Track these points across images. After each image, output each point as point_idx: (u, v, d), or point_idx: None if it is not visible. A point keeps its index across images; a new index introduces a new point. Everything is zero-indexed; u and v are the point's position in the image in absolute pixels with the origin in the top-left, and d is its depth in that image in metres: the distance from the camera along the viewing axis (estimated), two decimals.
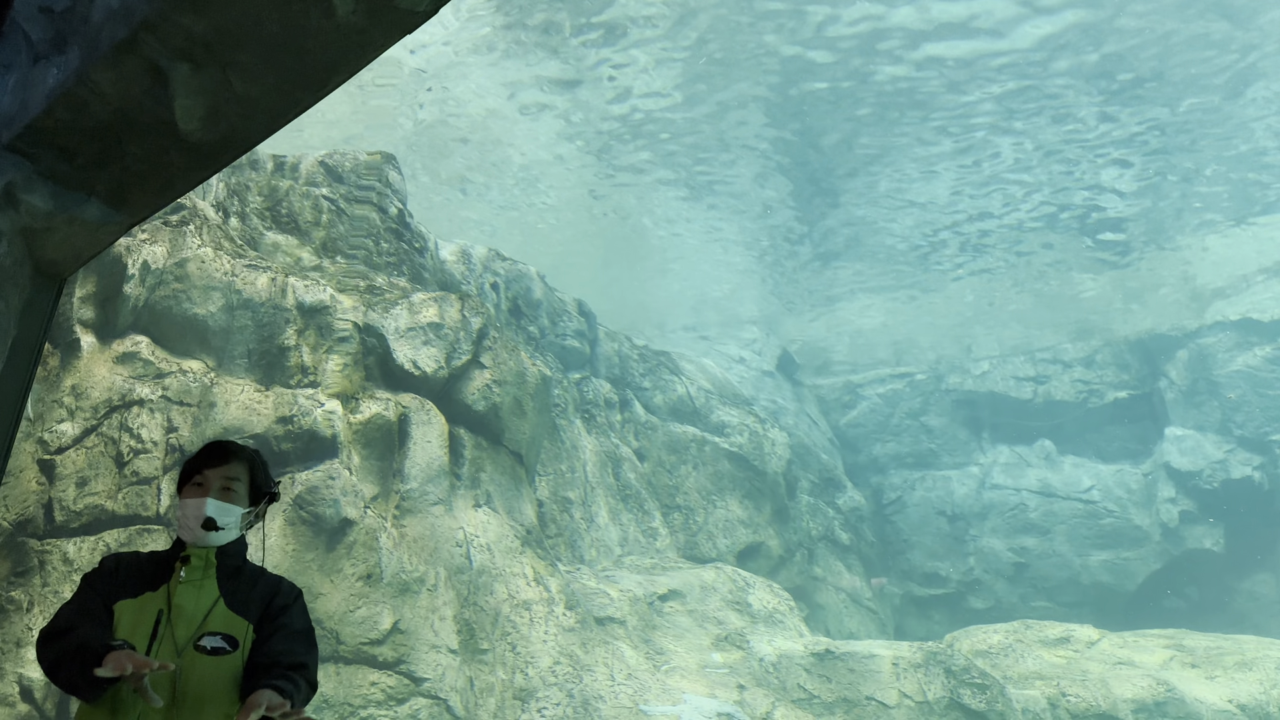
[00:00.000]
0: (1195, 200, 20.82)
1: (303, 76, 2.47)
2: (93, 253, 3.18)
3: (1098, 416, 21.93)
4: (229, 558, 2.67)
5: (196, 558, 2.62)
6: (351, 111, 19.87)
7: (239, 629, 2.54)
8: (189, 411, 9.64)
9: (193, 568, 2.60)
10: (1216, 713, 12.13)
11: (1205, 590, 19.66)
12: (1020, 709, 11.90)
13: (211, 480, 2.68)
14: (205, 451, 2.76)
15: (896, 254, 23.69)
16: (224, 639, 2.51)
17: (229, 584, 2.62)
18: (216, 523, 2.63)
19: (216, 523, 2.63)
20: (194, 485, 2.68)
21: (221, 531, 2.64)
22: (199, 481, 2.68)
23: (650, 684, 11.08)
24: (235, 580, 2.64)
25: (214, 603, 2.56)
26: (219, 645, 2.49)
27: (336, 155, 13.57)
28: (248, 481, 2.75)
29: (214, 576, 2.61)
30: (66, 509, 8.85)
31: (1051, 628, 14.51)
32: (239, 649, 2.52)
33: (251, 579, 2.68)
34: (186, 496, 2.68)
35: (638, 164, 21.36)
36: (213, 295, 10.37)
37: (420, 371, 11.42)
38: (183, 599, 2.54)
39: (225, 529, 2.65)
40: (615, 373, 18.17)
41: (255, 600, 2.61)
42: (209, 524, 2.63)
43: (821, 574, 18.62)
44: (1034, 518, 20.77)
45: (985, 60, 17.27)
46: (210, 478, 2.68)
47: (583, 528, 14.65)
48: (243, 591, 2.62)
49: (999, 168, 20.29)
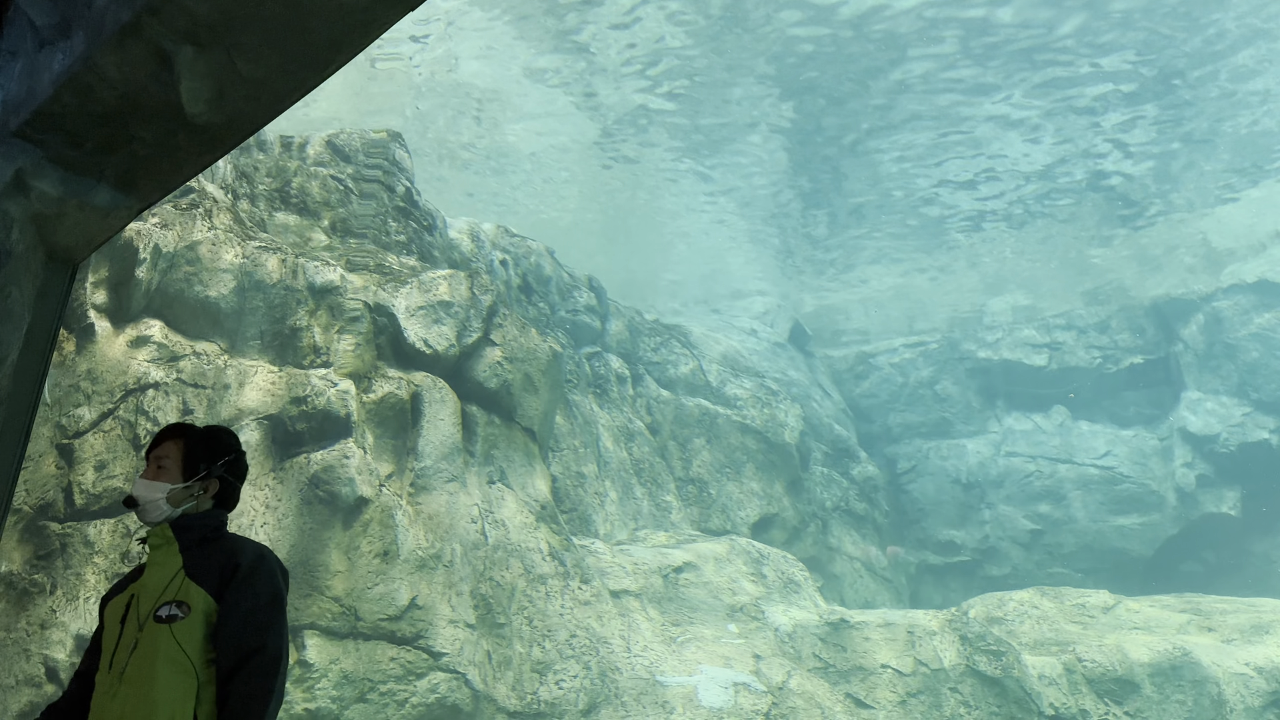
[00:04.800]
0: (1210, 162, 20.58)
1: (306, 56, 2.47)
2: (104, 238, 3.19)
3: (1113, 382, 21.82)
4: (188, 531, 2.77)
5: (154, 535, 2.76)
6: (354, 93, 19.80)
7: (194, 595, 2.61)
8: (204, 394, 9.70)
9: (152, 546, 2.74)
10: (1232, 676, 12.15)
11: (1222, 554, 19.62)
12: (1036, 675, 11.95)
13: (149, 462, 2.84)
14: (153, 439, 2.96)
15: (908, 223, 23.54)
16: (177, 605, 2.59)
17: (192, 555, 2.71)
18: (136, 500, 2.76)
19: (136, 500, 2.76)
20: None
21: (145, 508, 2.75)
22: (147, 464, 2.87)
23: (666, 655, 11.17)
24: (201, 550, 2.73)
25: (174, 574, 2.67)
26: (173, 613, 2.58)
27: (343, 135, 13.55)
28: (179, 457, 2.84)
29: (177, 550, 2.72)
30: (86, 492, 8.94)
31: (1067, 594, 14.53)
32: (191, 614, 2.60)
33: (218, 548, 2.75)
34: None
35: (647, 136, 21.24)
36: (224, 277, 10.41)
37: (431, 350, 11.45)
38: (149, 577, 2.70)
39: (150, 505, 2.75)
40: (627, 347, 18.18)
41: (214, 568, 2.68)
42: (129, 502, 2.78)
43: (836, 544, 18.67)
44: (1049, 484, 20.74)
45: (993, 21, 17.05)
46: (149, 460, 2.84)
47: (597, 502, 14.72)
48: (207, 560, 2.69)
49: (1010, 132, 20.09)
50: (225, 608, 2.61)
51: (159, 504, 2.76)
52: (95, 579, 8.61)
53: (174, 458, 2.85)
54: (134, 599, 2.68)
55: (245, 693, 2.51)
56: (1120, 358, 21.92)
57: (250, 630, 2.58)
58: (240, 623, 2.59)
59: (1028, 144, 20.40)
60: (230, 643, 2.56)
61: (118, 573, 8.64)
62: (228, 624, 2.59)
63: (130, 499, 2.77)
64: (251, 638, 2.57)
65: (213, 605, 2.62)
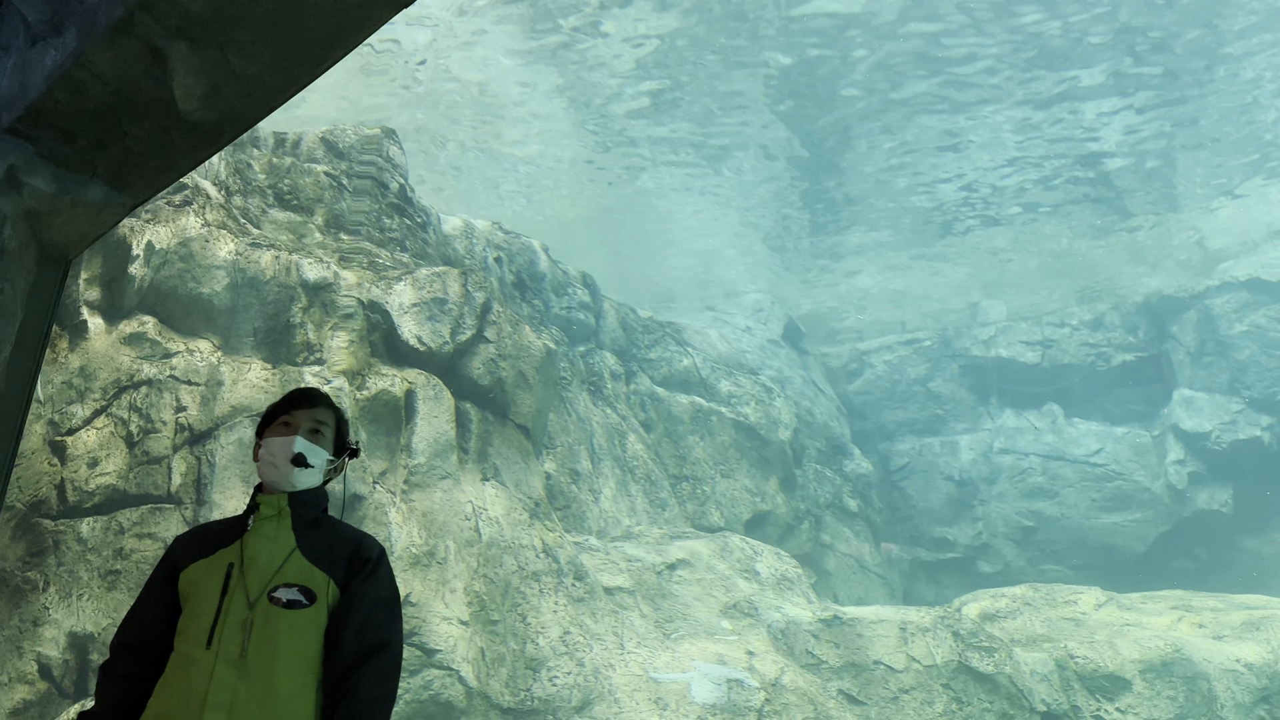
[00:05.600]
0: (1204, 160, 20.64)
1: (300, 53, 2.47)
2: (97, 234, 3.19)
3: (1105, 379, 21.89)
4: (305, 507, 2.54)
5: (267, 506, 2.50)
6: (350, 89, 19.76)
7: (318, 582, 2.40)
8: (197, 391, 9.69)
9: (263, 516, 2.48)
10: (1224, 672, 12.21)
11: (1214, 551, 19.71)
12: (1028, 671, 12.00)
13: (300, 420, 2.58)
14: (293, 395, 2.66)
15: (902, 220, 23.57)
16: (300, 591, 2.38)
17: (306, 535, 2.49)
18: (307, 459, 2.52)
19: (307, 459, 2.52)
20: (281, 425, 2.58)
21: (310, 471, 2.53)
22: (286, 422, 2.58)
23: (660, 652, 11.19)
24: (312, 532, 2.51)
25: (289, 553, 2.43)
26: (295, 598, 2.36)
27: (337, 131, 13.53)
28: (334, 428, 2.65)
29: (289, 526, 2.48)
30: (79, 489, 8.92)
31: (1059, 590, 14.58)
32: (316, 603, 2.38)
33: (331, 532, 2.54)
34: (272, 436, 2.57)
35: (639, 134, 21.23)
36: (217, 274, 10.39)
37: (425, 347, 11.44)
38: (255, 550, 2.42)
39: (314, 468, 2.54)
40: (621, 344, 18.18)
41: (337, 555, 2.47)
42: (299, 460, 2.51)
43: (829, 541, 18.71)
44: (1042, 481, 20.80)
45: (983, 16, 17.08)
46: (299, 418, 2.58)
47: (590, 499, 14.73)
48: (321, 543, 2.48)
49: (1005, 129, 20.13)
50: (350, 600, 2.42)
51: (315, 473, 2.55)
52: (88, 576, 8.60)
53: (331, 427, 2.64)
54: (233, 569, 2.39)
55: (370, 694, 2.32)
56: (1113, 355, 21.99)
57: (376, 627, 2.41)
58: (365, 618, 2.40)
59: (1021, 141, 20.43)
60: (353, 638, 2.37)
61: (111, 570, 8.62)
62: (352, 618, 2.39)
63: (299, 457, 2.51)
64: (376, 634, 2.40)
65: (336, 596, 2.42)
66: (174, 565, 2.47)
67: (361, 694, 2.31)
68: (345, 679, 2.32)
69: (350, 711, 2.29)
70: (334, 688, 2.33)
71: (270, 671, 2.28)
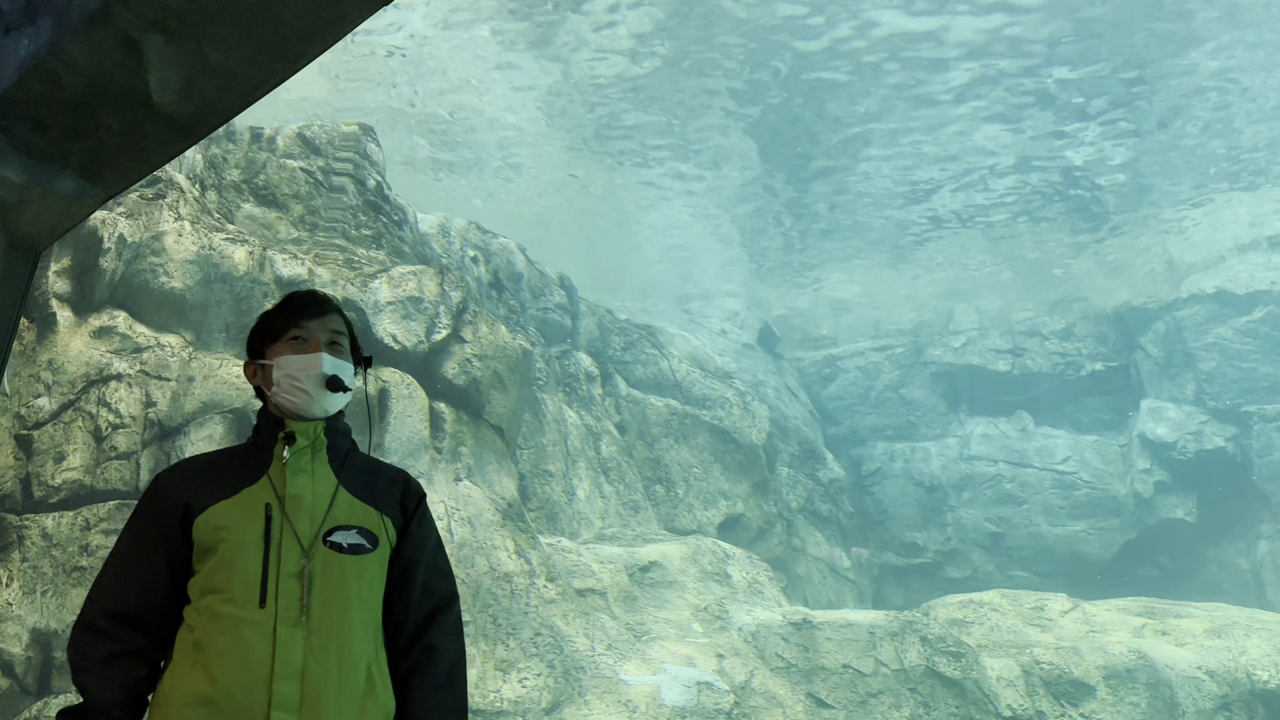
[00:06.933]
0: (1174, 173, 20.95)
1: (278, 48, 2.46)
2: (68, 226, 3.16)
3: (1075, 388, 22.15)
4: (340, 436, 2.16)
5: (303, 435, 2.09)
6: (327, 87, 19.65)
7: (374, 522, 2.05)
8: (167, 386, 9.59)
9: (299, 448, 2.07)
10: (1186, 679, 12.38)
11: (1178, 559, 19.98)
12: (994, 676, 12.11)
13: (316, 333, 2.14)
14: (298, 302, 2.20)
15: (875, 228, 23.75)
16: (360, 533, 2.02)
17: (344, 469, 2.12)
18: (343, 381, 2.13)
19: (343, 381, 2.13)
20: (293, 341, 2.14)
21: (343, 395, 2.14)
22: (299, 336, 2.14)
23: (630, 654, 11.19)
24: (349, 465, 2.15)
25: (334, 491, 2.06)
26: (357, 542, 2.00)
27: (314, 127, 13.44)
28: (350, 337, 2.23)
29: (325, 460, 2.10)
30: (45, 484, 8.81)
31: (1026, 597, 14.73)
32: (380, 546, 2.04)
33: (367, 465, 2.20)
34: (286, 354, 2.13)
35: (615, 135, 21.26)
36: (190, 269, 10.29)
37: (400, 346, 11.39)
38: (298, 487, 2.02)
39: (349, 391, 2.15)
40: (597, 346, 18.19)
41: (384, 492, 2.13)
42: (334, 383, 2.11)
43: (800, 545, 18.80)
44: (1011, 488, 21.01)
45: (957, 29, 17.26)
46: (312, 329, 2.15)
47: (564, 501, 14.71)
48: (363, 478, 2.14)
49: (978, 139, 20.33)
50: (411, 545, 2.09)
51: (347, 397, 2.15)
52: (53, 572, 8.49)
53: (347, 336, 2.22)
54: (272, 511, 1.99)
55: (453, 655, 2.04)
56: (1082, 365, 22.25)
57: (443, 575, 2.11)
58: (431, 565, 2.10)
59: (995, 151, 20.65)
60: (421, 590, 2.06)
61: (76, 566, 8.52)
62: (417, 567, 2.07)
63: (334, 380, 2.11)
64: (444, 585, 2.10)
65: (395, 538, 2.08)
66: (179, 509, 2.01)
67: (444, 653, 2.03)
68: (419, 637, 2.03)
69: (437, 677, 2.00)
70: (406, 647, 2.03)
71: (343, 631, 1.92)
